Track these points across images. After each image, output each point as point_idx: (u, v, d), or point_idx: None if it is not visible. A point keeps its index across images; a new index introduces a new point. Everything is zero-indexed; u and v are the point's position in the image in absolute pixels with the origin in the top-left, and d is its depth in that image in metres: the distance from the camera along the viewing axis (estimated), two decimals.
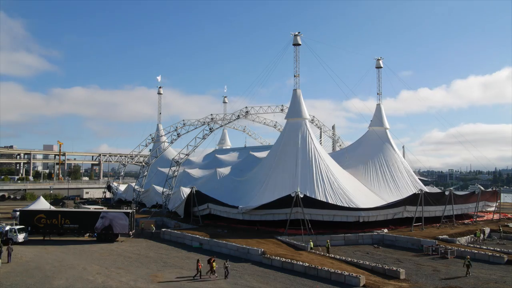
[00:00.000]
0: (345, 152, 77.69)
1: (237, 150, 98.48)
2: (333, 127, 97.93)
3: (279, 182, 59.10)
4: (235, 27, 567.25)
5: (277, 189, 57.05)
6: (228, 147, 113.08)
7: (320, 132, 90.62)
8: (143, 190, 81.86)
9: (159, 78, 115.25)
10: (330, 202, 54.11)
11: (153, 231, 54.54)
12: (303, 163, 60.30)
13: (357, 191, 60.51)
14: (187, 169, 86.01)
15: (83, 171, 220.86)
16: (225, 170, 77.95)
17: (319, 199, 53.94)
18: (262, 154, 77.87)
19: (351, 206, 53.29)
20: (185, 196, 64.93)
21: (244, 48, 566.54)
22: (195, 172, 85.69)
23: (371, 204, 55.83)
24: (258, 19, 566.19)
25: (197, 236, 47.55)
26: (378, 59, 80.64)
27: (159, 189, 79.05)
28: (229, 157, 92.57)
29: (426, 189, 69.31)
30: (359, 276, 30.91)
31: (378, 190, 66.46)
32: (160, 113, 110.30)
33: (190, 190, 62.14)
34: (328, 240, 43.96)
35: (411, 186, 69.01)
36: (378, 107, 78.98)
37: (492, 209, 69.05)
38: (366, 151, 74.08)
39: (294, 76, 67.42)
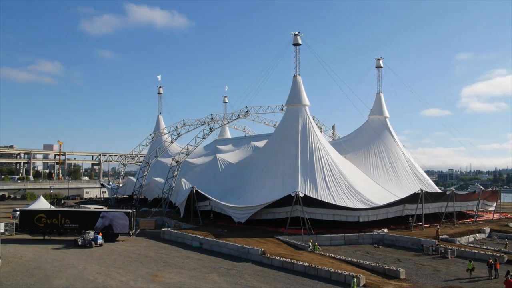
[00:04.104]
0: (342, 143, 78.14)
1: (237, 140, 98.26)
2: (333, 127, 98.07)
3: (280, 168, 59.92)
4: (235, 26, 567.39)
5: (278, 176, 58.36)
6: (229, 134, 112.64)
7: (321, 131, 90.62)
8: (144, 185, 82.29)
9: (159, 77, 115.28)
10: (331, 188, 55.78)
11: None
12: (303, 148, 61.00)
13: (357, 178, 61.53)
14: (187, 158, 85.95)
15: (83, 170, 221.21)
16: (224, 156, 78.21)
17: (319, 185, 55.37)
18: (263, 144, 78.18)
19: (351, 201, 54.46)
20: (186, 187, 65.66)
21: (244, 48, 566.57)
22: (195, 161, 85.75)
23: (371, 190, 57.16)
24: (259, 18, 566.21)
25: (197, 235, 47.55)
26: (378, 59, 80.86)
27: (160, 180, 79.44)
28: (229, 147, 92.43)
29: (427, 178, 71.06)
30: (359, 275, 30.89)
31: (377, 178, 67.61)
32: (160, 113, 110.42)
33: (191, 190, 62.04)
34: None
35: (410, 174, 70.18)
36: (378, 96, 79.63)
37: (492, 208, 69.08)
38: (366, 139, 75.02)
39: (295, 75, 67.67)
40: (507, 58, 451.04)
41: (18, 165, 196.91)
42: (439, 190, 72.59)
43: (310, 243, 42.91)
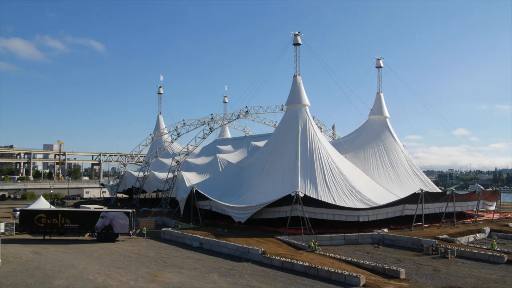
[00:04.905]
0: (343, 143, 78.15)
1: (237, 140, 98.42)
2: (333, 127, 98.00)
3: (280, 168, 60.09)
4: (235, 26, 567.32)
5: (278, 176, 58.66)
6: (229, 134, 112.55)
7: (321, 131, 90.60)
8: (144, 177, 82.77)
9: (161, 77, 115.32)
10: (331, 187, 55.98)
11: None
12: (303, 148, 61.19)
13: (357, 178, 61.75)
14: (187, 158, 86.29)
15: (83, 170, 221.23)
16: (224, 156, 78.45)
17: (319, 186, 55.66)
18: (263, 144, 78.50)
19: (351, 201, 54.49)
20: (187, 182, 66.49)
21: (244, 48, 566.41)
22: (195, 161, 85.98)
23: (371, 190, 57.57)
24: (259, 19, 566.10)
25: (197, 235, 47.55)
26: (378, 59, 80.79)
27: (159, 174, 79.72)
28: (229, 148, 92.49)
29: (427, 177, 71.54)
30: (359, 275, 30.89)
31: (377, 177, 67.81)
32: (160, 113, 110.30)
33: (191, 190, 62.05)
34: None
35: (410, 174, 70.35)
36: (378, 96, 79.67)
37: (492, 208, 69.09)
38: (366, 139, 75.13)
39: (295, 75, 67.62)
40: None
41: (18, 165, 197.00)
42: (439, 190, 72.65)
43: (311, 243, 42.84)
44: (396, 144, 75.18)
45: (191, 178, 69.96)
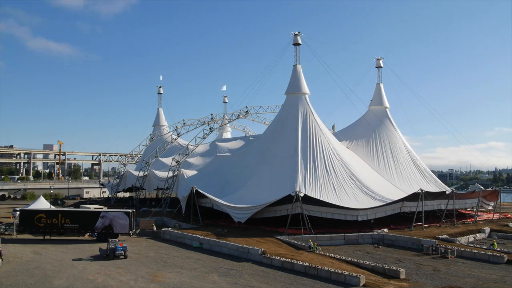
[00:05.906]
0: (339, 135, 78.29)
1: (238, 139, 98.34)
2: (333, 127, 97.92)
3: (279, 155, 60.29)
4: (235, 26, 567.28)
5: (277, 165, 58.86)
6: (229, 133, 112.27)
7: None
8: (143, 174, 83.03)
9: (161, 77, 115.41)
10: (330, 173, 56.83)
11: (154, 230, 54.90)
12: (303, 135, 61.45)
13: (355, 164, 62.16)
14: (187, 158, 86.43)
15: (83, 170, 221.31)
16: (225, 156, 78.83)
17: (319, 172, 56.51)
18: None
19: (350, 188, 55.61)
20: (186, 177, 67.70)
21: (245, 48, 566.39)
22: (195, 161, 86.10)
23: (369, 177, 58.96)
24: (259, 19, 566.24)
25: (197, 235, 47.54)
26: (379, 59, 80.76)
27: (159, 173, 79.73)
28: (230, 145, 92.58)
29: (424, 164, 73.38)
30: (359, 275, 30.92)
31: (377, 167, 68.37)
32: (160, 106, 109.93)
33: (191, 190, 62.01)
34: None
35: (410, 163, 70.74)
36: (378, 87, 79.85)
37: (491, 208, 69.07)
38: (366, 128, 75.50)
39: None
40: None
41: (18, 165, 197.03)
42: (438, 180, 73.32)
43: (310, 242, 42.92)
44: (396, 134, 75.51)
45: (191, 175, 70.06)
